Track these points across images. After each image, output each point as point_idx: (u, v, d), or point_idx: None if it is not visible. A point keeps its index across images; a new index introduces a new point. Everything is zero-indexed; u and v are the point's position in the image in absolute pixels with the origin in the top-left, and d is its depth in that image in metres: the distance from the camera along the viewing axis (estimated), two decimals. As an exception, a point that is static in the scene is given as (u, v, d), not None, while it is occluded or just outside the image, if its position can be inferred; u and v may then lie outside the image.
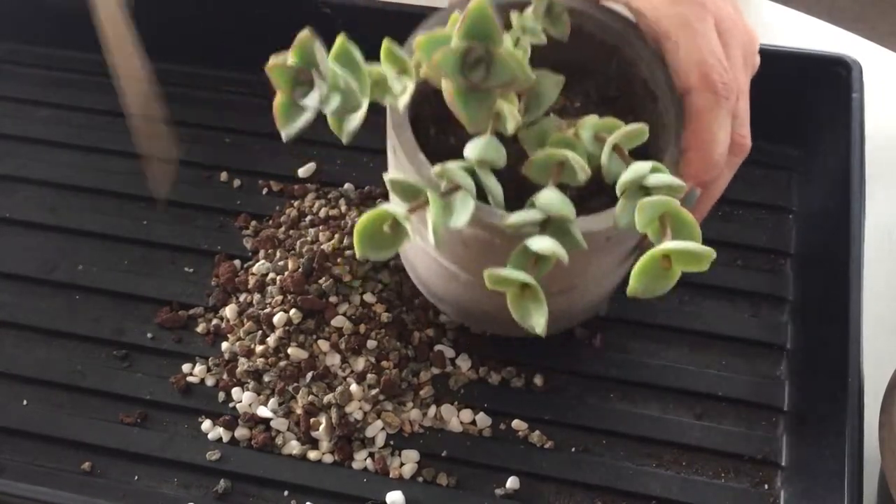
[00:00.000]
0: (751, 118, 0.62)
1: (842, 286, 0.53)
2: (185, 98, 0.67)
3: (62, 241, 0.62)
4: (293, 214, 0.61)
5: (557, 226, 0.42)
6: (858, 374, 0.50)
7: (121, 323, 0.59)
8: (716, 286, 0.59)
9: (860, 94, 0.58)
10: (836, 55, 0.60)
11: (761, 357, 0.57)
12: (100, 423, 0.56)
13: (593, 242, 0.43)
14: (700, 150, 0.46)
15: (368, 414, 0.55)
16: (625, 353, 0.57)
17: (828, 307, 0.54)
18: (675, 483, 0.53)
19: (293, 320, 0.56)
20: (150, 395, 0.57)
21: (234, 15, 0.66)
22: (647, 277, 0.39)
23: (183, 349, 0.58)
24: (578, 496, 0.53)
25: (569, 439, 0.55)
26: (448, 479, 0.54)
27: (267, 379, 0.56)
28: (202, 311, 0.59)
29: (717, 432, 0.54)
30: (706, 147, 0.47)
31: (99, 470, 0.55)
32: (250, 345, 0.57)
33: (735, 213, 0.61)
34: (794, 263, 0.59)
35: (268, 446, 0.55)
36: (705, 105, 0.46)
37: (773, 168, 0.63)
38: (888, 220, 0.61)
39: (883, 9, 1.49)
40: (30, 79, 0.70)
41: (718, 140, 0.47)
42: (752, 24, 0.50)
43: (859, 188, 0.55)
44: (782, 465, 0.53)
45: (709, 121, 0.46)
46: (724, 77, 0.47)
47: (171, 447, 0.55)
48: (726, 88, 0.47)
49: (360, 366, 0.55)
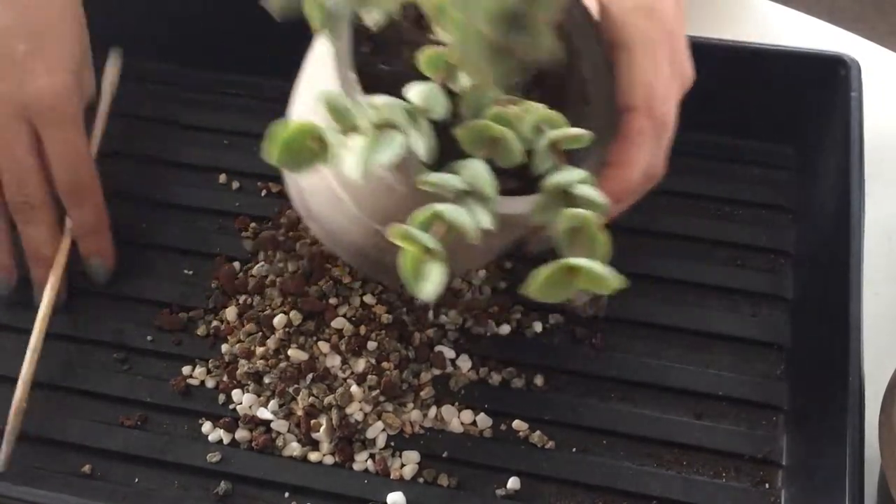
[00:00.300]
0: (750, 117, 0.63)
1: (842, 286, 0.53)
2: (185, 100, 0.67)
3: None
4: (293, 216, 0.61)
5: (475, 200, 0.41)
6: (859, 374, 0.50)
7: (121, 325, 0.59)
8: (716, 286, 0.59)
9: (859, 93, 0.58)
10: (835, 54, 0.60)
11: (761, 357, 0.57)
12: (100, 425, 0.56)
13: (503, 225, 0.42)
14: (623, 170, 0.46)
15: (369, 415, 0.55)
16: (625, 353, 0.57)
17: (828, 307, 0.54)
18: (675, 483, 0.53)
19: (293, 322, 0.56)
20: (151, 398, 0.57)
21: (233, 16, 0.66)
22: (548, 284, 0.39)
23: (183, 351, 0.58)
24: (579, 496, 0.53)
25: (569, 439, 0.55)
26: (449, 479, 0.54)
27: (267, 380, 0.56)
28: (202, 313, 0.59)
29: (718, 432, 0.54)
30: (629, 168, 0.46)
31: (99, 472, 0.55)
32: (250, 346, 0.57)
33: (735, 213, 0.61)
34: (794, 263, 0.59)
35: (268, 448, 0.55)
36: (641, 129, 0.46)
37: (772, 168, 0.63)
38: (888, 219, 0.61)
39: (883, 9, 1.49)
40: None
41: (641, 165, 0.47)
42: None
43: (859, 187, 0.55)
44: (783, 465, 0.53)
45: (640, 144, 0.46)
46: (665, 107, 0.47)
47: (172, 449, 0.55)
48: (664, 119, 0.47)
49: (361, 367, 0.55)
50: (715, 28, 0.68)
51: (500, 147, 0.42)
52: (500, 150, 0.42)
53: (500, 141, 0.42)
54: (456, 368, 0.56)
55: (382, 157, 0.39)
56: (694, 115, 0.62)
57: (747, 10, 0.71)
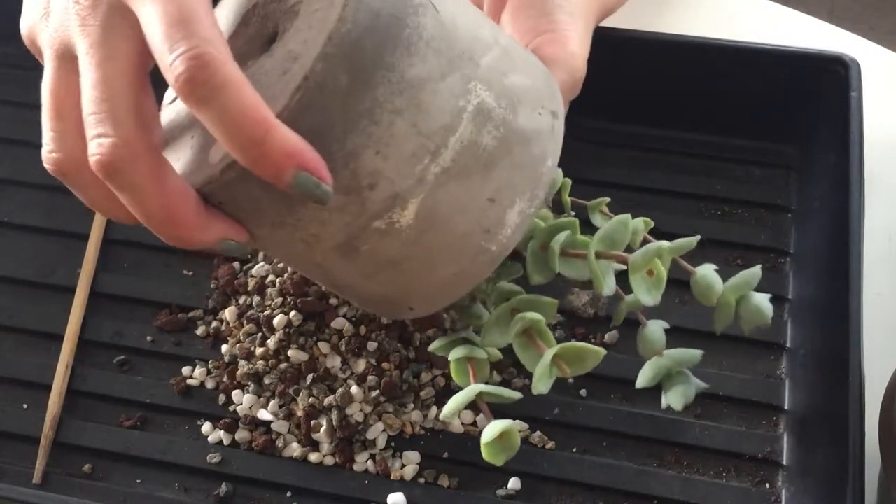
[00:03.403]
0: (750, 117, 0.63)
1: (842, 286, 0.53)
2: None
3: (60, 244, 0.62)
4: (293, 216, 0.61)
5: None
6: (859, 374, 0.50)
7: (120, 326, 0.59)
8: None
9: (859, 92, 0.58)
10: (834, 54, 0.60)
11: (761, 356, 0.57)
12: (100, 426, 0.56)
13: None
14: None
15: (369, 416, 0.55)
16: (625, 352, 0.57)
17: (828, 307, 0.54)
18: (676, 483, 0.53)
19: (293, 322, 0.56)
20: (150, 399, 0.57)
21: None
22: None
23: (183, 352, 0.58)
24: (580, 496, 0.53)
25: (570, 440, 0.55)
26: (449, 480, 0.54)
27: (267, 381, 0.56)
28: (202, 313, 0.59)
29: (718, 432, 0.54)
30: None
31: (100, 474, 0.55)
32: (250, 347, 0.57)
33: (734, 213, 0.61)
34: (794, 263, 0.59)
35: (268, 449, 0.55)
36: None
37: (771, 167, 0.63)
38: (888, 219, 0.61)
39: (883, 9, 1.49)
40: (29, 82, 0.69)
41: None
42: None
43: (859, 187, 0.55)
44: (783, 464, 0.53)
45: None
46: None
47: (172, 450, 0.55)
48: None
49: (361, 368, 0.55)
50: (715, 28, 0.68)
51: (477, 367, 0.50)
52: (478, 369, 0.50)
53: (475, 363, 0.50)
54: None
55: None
56: (694, 115, 0.63)
57: (747, 10, 0.71)
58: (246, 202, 0.42)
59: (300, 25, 0.41)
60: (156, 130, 0.40)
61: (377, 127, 0.40)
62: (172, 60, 0.36)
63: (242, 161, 0.38)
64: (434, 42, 0.42)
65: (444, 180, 0.42)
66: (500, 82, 0.44)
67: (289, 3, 0.43)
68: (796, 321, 0.57)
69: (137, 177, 0.39)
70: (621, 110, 0.63)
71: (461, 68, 0.42)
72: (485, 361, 0.49)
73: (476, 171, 0.43)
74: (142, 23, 0.38)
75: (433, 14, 0.42)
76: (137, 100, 0.39)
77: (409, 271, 0.45)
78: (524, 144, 0.44)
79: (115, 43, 0.39)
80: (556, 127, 0.46)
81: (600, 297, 0.58)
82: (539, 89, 0.46)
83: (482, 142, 0.43)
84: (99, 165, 0.39)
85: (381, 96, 0.40)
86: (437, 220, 0.43)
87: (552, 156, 0.46)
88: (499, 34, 0.46)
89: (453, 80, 0.42)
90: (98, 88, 0.39)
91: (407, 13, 0.41)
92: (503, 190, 0.44)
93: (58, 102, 0.41)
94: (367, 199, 0.42)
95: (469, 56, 0.43)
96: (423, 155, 0.42)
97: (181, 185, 0.40)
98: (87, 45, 0.39)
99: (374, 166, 0.41)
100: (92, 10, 0.39)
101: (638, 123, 0.64)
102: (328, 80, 0.39)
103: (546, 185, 0.45)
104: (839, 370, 0.51)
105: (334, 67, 0.39)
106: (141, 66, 0.39)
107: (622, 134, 0.64)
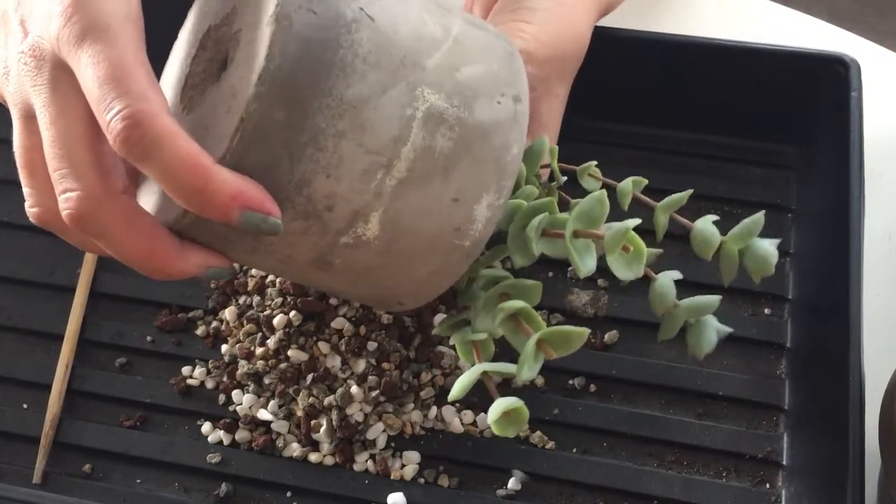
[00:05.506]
0: (750, 117, 0.62)
1: (842, 285, 0.53)
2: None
3: (60, 244, 0.62)
4: (293, 216, 0.61)
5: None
6: (859, 374, 0.50)
7: (120, 326, 0.59)
8: (715, 285, 0.59)
9: (859, 92, 0.58)
10: (834, 54, 0.60)
11: (761, 356, 0.57)
12: (100, 426, 0.56)
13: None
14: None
15: (369, 416, 0.55)
16: (625, 353, 0.57)
17: (828, 307, 0.54)
18: (676, 483, 0.53)
19: (293, 322, 0.56)
20: (150, 398, 0.57)
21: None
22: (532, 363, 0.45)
23: (183, 352, 0.58)
24: (580, 496, 0.53)
25: (570, 440, 0.55)
26: (449, 480, 0.54)
27: (267, 381, 0.56)
28: (202, 313, 0.59)
29: (718, 431, 0.54)
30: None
31: (100, 473, 0.55)
32: (250, 347, 0.57)
33: (734, 213, 0.61)
34: (794, 263, 0.59)
35: (268, 449, 0.55)
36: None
37: (772, 167, 0.63)
38: (888, 219, 0.61)
39: (883, 9, 1.49)
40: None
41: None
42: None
43: (859, 187, 0.55)
44: (783, 464, 0.53)
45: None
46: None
47: (172, 450, 0.55)
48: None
49: (361, 367, 0.55)
50: (715, 28, 0.68)
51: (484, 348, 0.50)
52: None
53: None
54: (457, 368, 0.56)
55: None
56: (694, 116, 0.63)
57: (747, 9, 0.71)
58: (214, 237, 0.42)
59: (239, 58, 0.41)
60: (119, 175, 0.41)
61: (323, 153, 0.40)
62: (108, 121, 0.38)
63: (190, 208, 0.39)
64: (372, 56, 0.41)
65: (401, 190, 0.42)
66: (451, 80, 0.43)
67: (233, 28, 0.43)
68: (796, 321, 0.57)
69: (108, 223, 0.41)
70: (621, 110, 0.63)
71: (405, 76, 0.42)
72: (489, 340, 0.48)
73: (435, 175, 0.43)
74: (79, 81, 0.39)
75: (368, 26, 0.41)
76: (94, 150, 0.41)
77: (388, 276, 0.45)
78: (483, 139, 0.44)
79: (64, 99, 0.41)
80: (518, 112, 0.45)
81: (600, 297, 0.58)
82: (497, 74, 0.45)
83: (437, 146, 0.42)
84: (70, 219, 0.41)
85: (321, 122, 0.40)
86: (402, 227, 0.43)
87: (517, 143, 0.45)
88: (450, 22, 0.44)
89: (397, 90, 0.41)
90: (56, 145, 0.40)
91: (339, 33, 0.40)
92: (467, 188, 0.44)
93: (28, 160, 0.43)
94: (328, 220, 0.42)
95: (413, 61, 0.42)
96: (376, 170, 0.41)
97: (152, 224, 0.41)
98: (40, 104, 0.41)
99: (327, 189, 0.41)
100: (38, 71, 0.41)
101: (638, 123, 0.64)
102: (264, 119, 0.39)
103: (513, 173, 0.45)
104: (839, 370, 0.51)
105: (269, 105, 0.39)
106: (92, 117, 0.40)
107: (622, 134, 0.64)
